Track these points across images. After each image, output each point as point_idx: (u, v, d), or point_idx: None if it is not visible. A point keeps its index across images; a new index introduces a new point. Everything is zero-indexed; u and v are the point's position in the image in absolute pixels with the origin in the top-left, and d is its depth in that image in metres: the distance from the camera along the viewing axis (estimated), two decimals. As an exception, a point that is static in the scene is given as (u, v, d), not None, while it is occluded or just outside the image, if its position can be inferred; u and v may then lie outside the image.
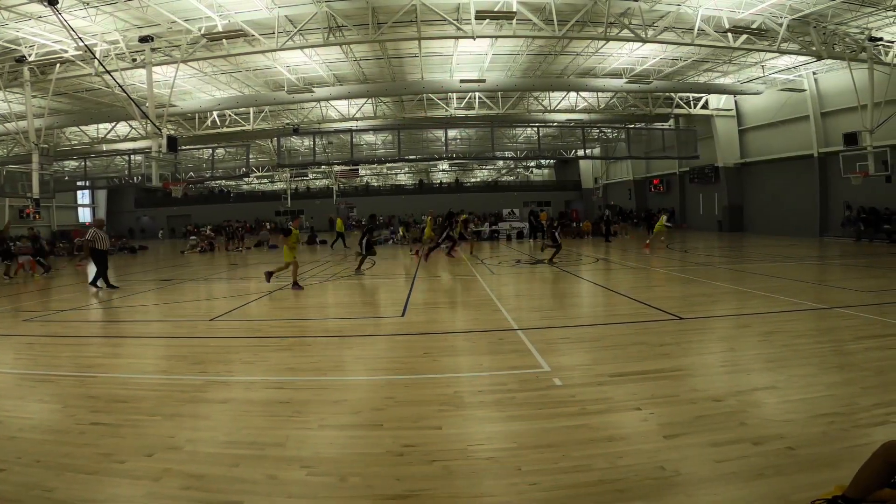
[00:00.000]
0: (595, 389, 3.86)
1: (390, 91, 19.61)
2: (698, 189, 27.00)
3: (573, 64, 18.77)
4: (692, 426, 3.16)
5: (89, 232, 11.08)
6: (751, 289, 8.35)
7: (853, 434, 2.98)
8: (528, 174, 50.80)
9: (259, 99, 19.45)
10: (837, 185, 19.02)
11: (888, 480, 2.09)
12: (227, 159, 30.91)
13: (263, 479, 2.69)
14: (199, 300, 9.46)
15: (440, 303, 8.38)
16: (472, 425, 3.32)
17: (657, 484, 2.52)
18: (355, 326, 6.68)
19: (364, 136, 28.54)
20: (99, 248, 10.72)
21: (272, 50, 13.69)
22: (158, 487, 2.62)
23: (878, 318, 5.90)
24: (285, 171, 35.05)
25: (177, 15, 12.57)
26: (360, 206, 42.41)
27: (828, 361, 4.40)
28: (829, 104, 19.60)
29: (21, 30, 12.55)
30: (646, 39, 13.66)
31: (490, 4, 12.68)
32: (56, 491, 2.57)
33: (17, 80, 14.80)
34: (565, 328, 6.09)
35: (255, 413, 3.62)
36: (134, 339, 6.42)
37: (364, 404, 3.71)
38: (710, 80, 21.15)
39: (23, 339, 6.32)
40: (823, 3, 12.99)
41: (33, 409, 3.77)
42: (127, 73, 14.50)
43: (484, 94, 21.04)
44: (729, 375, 4.16)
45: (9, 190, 20.02)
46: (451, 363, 4.80)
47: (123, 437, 3.20)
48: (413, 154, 32.15)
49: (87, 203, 39.19)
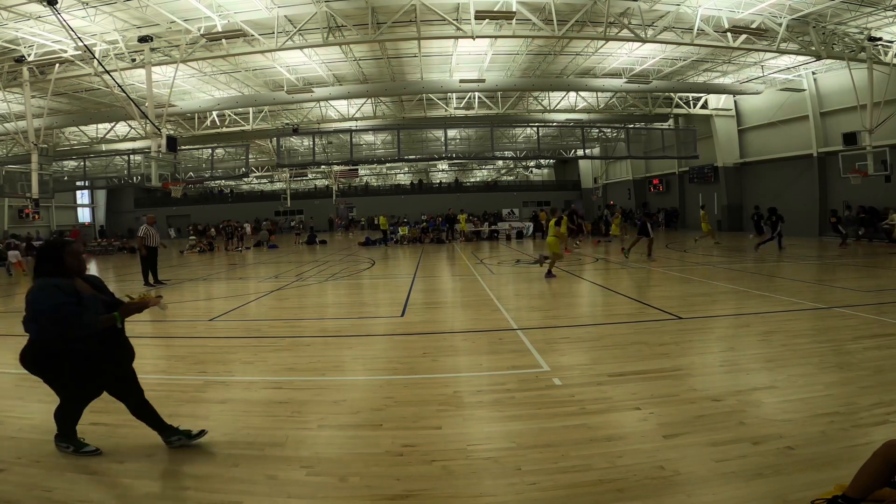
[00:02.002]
0: (594, 389, 3.86)
1: (390, 91, 19.60)
2: (698, 189, 27.01)
3: (573, 64, 18.77)
4: (691, 426, 3.17)
5: (141, 229, 11.23)
6: (750, 288, 8.36)
7: (853, 434, 2.98)
8: (528, 174, 50.80)
9: (258, 99, 19.43)
10: (837, 185, 19.03)
11: (889, 480, 2.09)
12: (227, 159, 30.89)
13: (263, 479, 2.69)
14: (199, 300, 9.45)
15: (440, 302, 8.38)
16: (471, 425, 3.32)
17: (656, 483, 2.52)
18: (354, 326, 6.68)
19: (364, 136, 28.53)
20: (151, 246, 10.82)
21: (272, 50, 13.66)
22: (158, 487, 2.62)
23: (876, 317, 5.91)
24: (285, 171, 35.04)
25: (176, 15, 12.55)
26: (360, 206, 42.50)
27: (827, 361, 4.40)
28: (828, 104, 19.60)
29: (20, 30, 12.52)
30: (645, 39, 13.65)
31: (490, 4, 12.68)
32: (56, 491, 2.57)
33: (17, 80, 14.77)
34: (565, 328, 6.09)
35: (255, 413, 3.62)
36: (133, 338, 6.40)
37: (363, 404, 3.72)
38: (710, 80, 21.15)
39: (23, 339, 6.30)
40: (823, 2, 12.98)
41: (33, 409, 3.76)
42: (126, 73, 14.48)
43: (483, 94, 21.02)
44: (728, 375, 4.17)
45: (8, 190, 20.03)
46: (450, 363, 4.81)
47: (123, 438, 3.20)
48: (413, 154, 32.15)
49: (87, 203, 39.15)
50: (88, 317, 2.69)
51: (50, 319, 2.66)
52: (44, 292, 2.69)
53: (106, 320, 2.78)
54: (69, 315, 2.65)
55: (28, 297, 2.76)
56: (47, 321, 2.68)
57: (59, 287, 2.70)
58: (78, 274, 2.92)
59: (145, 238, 10.86)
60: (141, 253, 10.99)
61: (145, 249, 10.84)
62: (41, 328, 2.73)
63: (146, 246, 10.83)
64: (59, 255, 2.83)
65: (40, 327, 2.72)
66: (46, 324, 2.69)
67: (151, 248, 10.86)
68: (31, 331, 2.79)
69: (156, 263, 11.08)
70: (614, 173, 36.95)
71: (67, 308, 2.65)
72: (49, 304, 2.66)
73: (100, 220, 39.82)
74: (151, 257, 10.89)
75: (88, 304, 2.75)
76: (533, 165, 47.13)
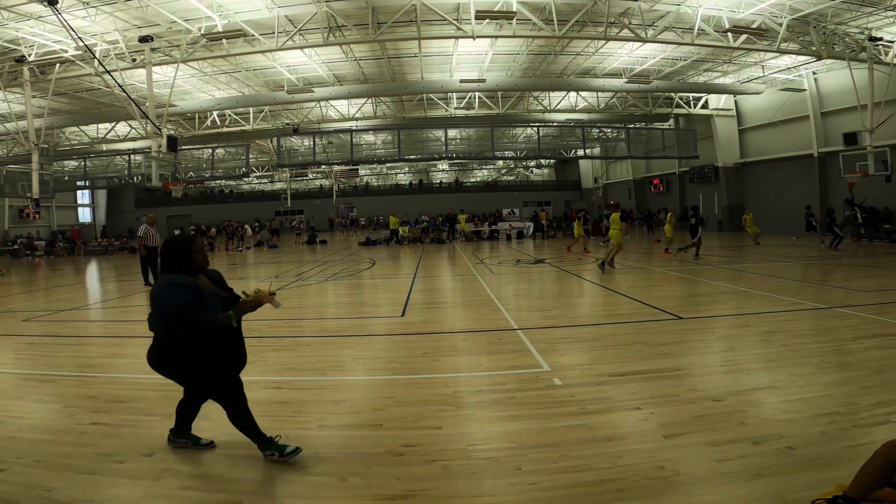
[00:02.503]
0: (595, 389, 3.86)
1: (390, 91, 19.61)
2: (698, 189, 26.99)
3: (573, 64, 18.77)
4: (692, 426, 3.16)
5: (141, 229, 11.28)
6: (750, 288, 8.35)
7: (853, 433, 2.97)
8: (528, 174, 50.79)
9: (259, 99, 19.44)
10: (837, 185, 19.02)
11: (889, 480, 2.09)
12: (227, 159, 30.91)
13: (263, 479, 2.69)
14: (199, 300, 9.44)
15: (440, 302, 8.38)
16: (471, 425, 3.32)
17: (656, 483, 2.52)
18: (355, 326, 6.68)
19: (364, 136, 28.53)
20: (150, 246, 10.86)
21: (272, 50, 13.68)
22: (158, 487, 2.62)
23: (877, 317, 5.90)
24: (285, 171, 35.05)
25: (177, 15, 12.56)
26: (360, 206, 42.49)
27: (827, 361, 4.40)
28: (828, 104, 19.59)
29: (21, 30, 12.54)
30: (646, 39, 13.65)
31: (490, 4, 12.68)
32: (56, 491, 2.57)
33: (17, 80, 14.79)
34: (565, 328, 6.09)
35: (255, 413, 3.58)
36: (134, 338, 6.41)
37: (363, 404, 3.71)
38: (710, 80, 21.15)
39: (23, 339, 6.32)
40: (823, 2, 12.98)
41: (33, 408, 3.77)
42: (127, 73, 14.49)
43: (484, 94, 21.02)
44: (728, 375, 4.16)
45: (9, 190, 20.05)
46: (450, 363, 4.80)
47: (123, 437, 3.20)
48: (413, 154, 32.14)
49: (87, 203, 39.15)
50: (208, 316, 2.65)
51: (175, 319, 2.61)
52: (169, 291, 2.64)
53: (222, 319, 2.71)
54: (192, 315, 2.60)
55: (153, 296, 2.71)
56: (173, 320, 2.63)
57: (183, 285, 2.64)
58: (202, 270, 2.86)
59: (145, 238, 10.90)
60: (141, 253, 11.03)
61: (145, 249, 10.88)
62: (167, 327, 2.67)
63: (146, 246, 10.87)
64: (188, 251, 2.76)
65: (166, 326, 2.67)
66: (172, 323, 2.64)
67: (151, 247, 10.90)
68: (158, 329, 2.73)
69: (156, 263, 11.07)
70: (615, 173, 36.94)
71: (192, 308, 2.60)
72: (175, 304, 2.60)
73: (100, 219, 39.83)
74: (152, 257, 10.93)
75: (208, 302, 2.70)
76: (533, 165, 47.13)
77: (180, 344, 2.71)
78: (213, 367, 2.78)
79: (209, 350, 2.73)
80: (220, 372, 2.81)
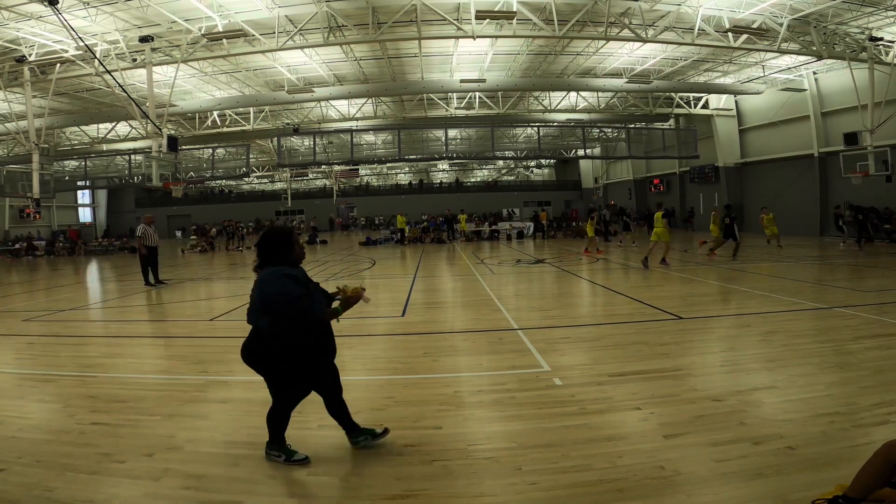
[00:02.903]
0: (595, 389, 3.86)
1: (390, 91, 19.60)
2: (698, 189, 26.99)
3: (573, 64, 18.76)
4: (692, 426, 3.16)
5: (139, 229, 11.30)
6: (750, 288, 8.35)
7: (853, 434, 2.97)
8: (529, 174, 50.80)
9: (259, 99, 19.44)
10: (838, 185, 19.01)
11: (889, 480, 2.09)
12: (227, 159, 30.90)
13: (263, 479, 2.69)
14: (199, 300, 9.46)
15: (440, 302, 8.38)
16: (471, 425, 3.32)
17: (657, 483, 2.52)
18: (355, 326, 6.67)
19: (364, 136, 28.53)
20: (150, 245, 10.88)
21: (272, 50, 13.68)
22: (158, 487, 2.62)
23: (877, 317, 5.90)
24: (285, 170, 35.06)
25: (177, 15, 12.56)
26: (361, 206, 42.51)
27: (828, 361, 4.40)
28: (829, 104, 19.57)
29: (21, 30, 12.54)
30: (646, 39, 13.64)
31: (490, 4, 12.67)
32: (56, 491, 2.57)
33: (18, 80, 14.79)
34: (565, 328, 6.09)
35: (255, 413, 3.61)
36: (134, 338, 6.42)
37: (364, 404, 3.71)
38: (711, 80, 21.13)
39: (23, 339, 6.32)
40: (824, 2, 12.97)
41: (33, 408, 3.77)
42: (127, 73, 14.49)
43: (484, 94, 21.01)
44: (729, 375, 4.16)
45: (9, 190, 20.07)
46: (450, 363, 4.80)
47: (123, 437, 3.20)
48: (413, 154, 32.12)
49: (88, 203, 39.18)
50: (318, 308, 2.60)
51: (284, 311, 2.53)
52: (279, 282, 2.54)
53: (331, 313, 2.67)
54: (303, 307, 2.53)
55: (258, 288, 2.60)
56: (285, 313, 2.54)
57: (294, 277, 2.56)
58: (300, 262, 2.79)
59: (143, 238, 10.91)
60: (140, 252, 11.05)
61: (145, 249, 10.89)
62: (273, 321, 2.58)
63: (145, 245, 10.88)
64: (290, 241, 2.69)
65: (272, 319, 2.58)
66: (279, 316, 2.55)
67: (151, 247, 10.92)
68: (262, 323, 2.62)
69: (157, 263, 11.12)
70: (615, 173, 36.94)
71: (303, 300, 2.53)
72: (288, 296, 2.51)
73: (101, 219, 39.85)
74: (152, 256, 10.94)
75: (315, 295, 2.65)
76: (533, 165, 47.15)
77: (281, 336, 2.60)
78: (318, 360, 2.74)
79: (313, 342, 2.68)
80: (323, 363, 2.80)
